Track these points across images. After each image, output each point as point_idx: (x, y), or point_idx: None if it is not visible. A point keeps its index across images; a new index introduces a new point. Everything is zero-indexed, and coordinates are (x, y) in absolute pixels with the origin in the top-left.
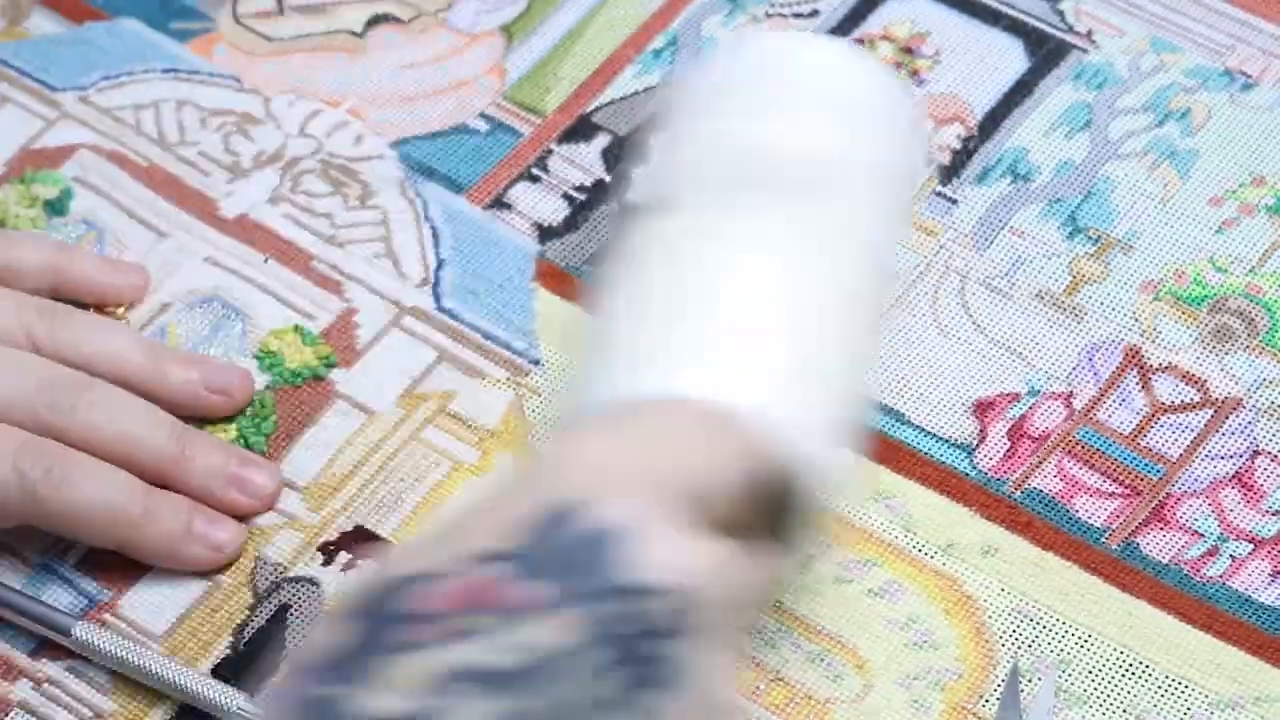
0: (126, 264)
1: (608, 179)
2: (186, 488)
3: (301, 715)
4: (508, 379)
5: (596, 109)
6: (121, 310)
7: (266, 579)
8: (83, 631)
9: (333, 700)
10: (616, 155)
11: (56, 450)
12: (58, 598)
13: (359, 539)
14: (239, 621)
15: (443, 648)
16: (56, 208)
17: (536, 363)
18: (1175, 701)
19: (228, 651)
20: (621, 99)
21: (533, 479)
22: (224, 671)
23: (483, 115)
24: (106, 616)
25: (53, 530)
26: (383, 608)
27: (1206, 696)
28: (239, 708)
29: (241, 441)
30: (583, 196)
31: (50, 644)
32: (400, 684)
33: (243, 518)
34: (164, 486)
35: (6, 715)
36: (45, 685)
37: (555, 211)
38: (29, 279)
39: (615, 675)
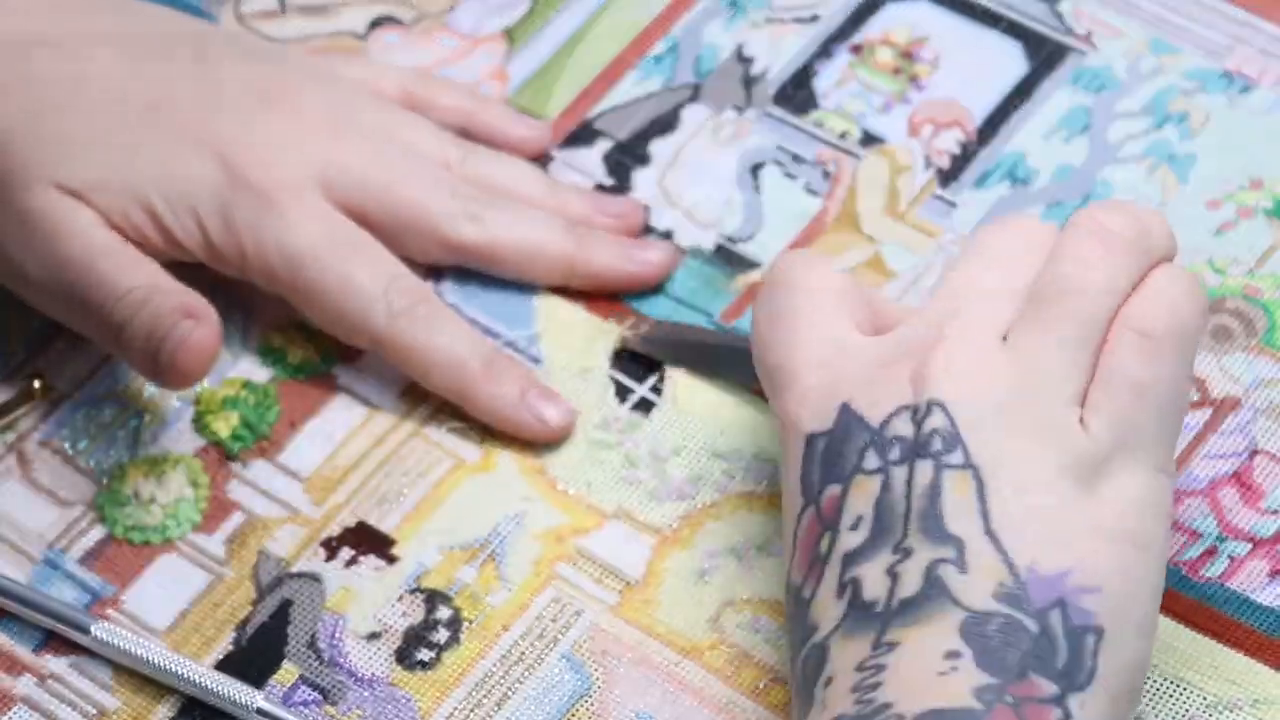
0: (532, 120)
1: (608, 183)
2: (588, 272)
3: None
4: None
5: (598, 115)
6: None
7: (269, 574)
8: (102, 631)
9: None
10: (617, 160)
11: (424, 290)
12: (61, 593)
13: (361, 535)
14: (242, 617)
15: None
16: None
17: (536, 361)
18: (1173, 703)
19: (231, 647)
20: (622, 105)
21: None
22: (227, 667)
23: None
24: (110, 612)
25: (396, 364)
26: None
27: (1204, 698)
28: (259, 707)
29: (245, 427)
30: None
31: (54, 639)
32: None
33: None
34: (567, 279)
35: (9, 710)
36: (49, 681)
37: None
38: (439, 113)
39: None
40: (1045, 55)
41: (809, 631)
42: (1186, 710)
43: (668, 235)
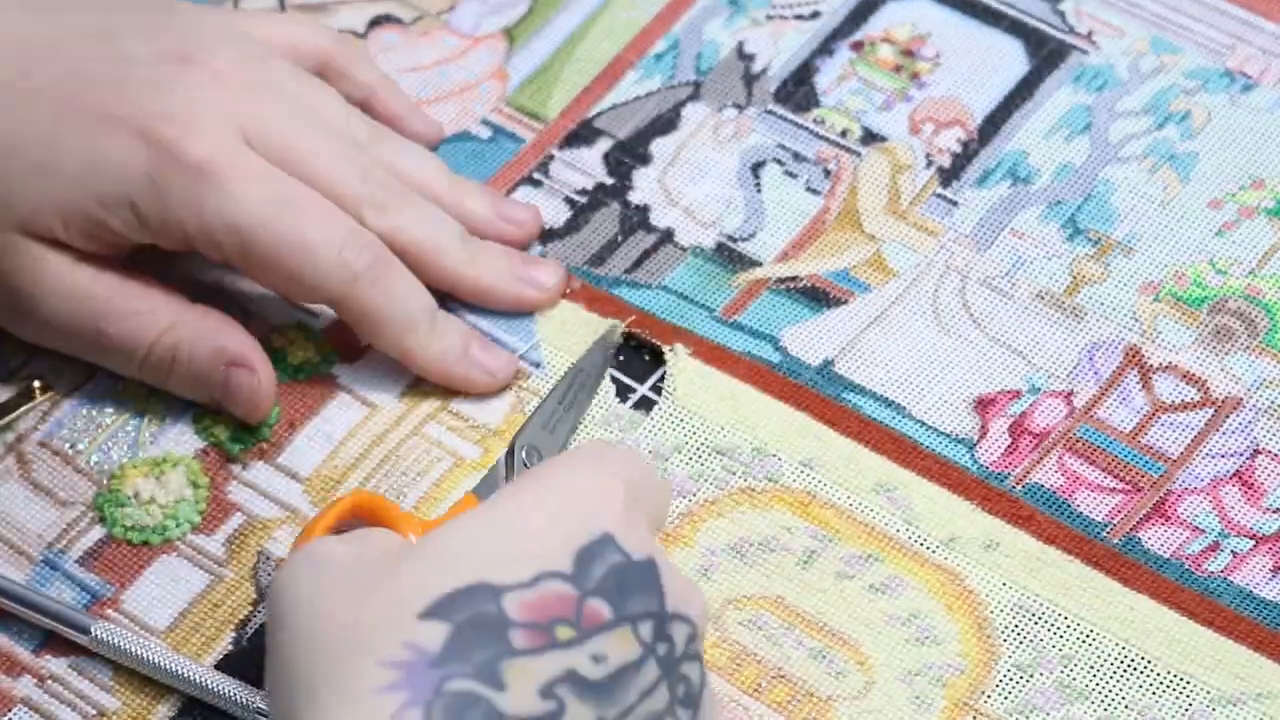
0: (429, 116)
1: (609, 182)
2: (477, 286)
3: (448, 708)
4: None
5: (597, 114)
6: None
7: (269, 574)
8: (101, 631)
9: (478, 697)
10: (617, 159)
11: (378, 248)
12: (61, 593)
13: None
14: (241, 617)
15: (546, 654)
16: None
17: (538, 365)
18: (1177, 698)
19: (230, 647)
20: (623, 104)
21: (540, 504)
22: (227, 667)
23: (485, 121)
24: (109, 612)
25: (345, 318)
26: (484, 610)
27: (1208, 692)
28: (257, 707)
29: (244, 428)
30: (584, 199)
31: (54, 640)
32: (523, 686)
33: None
34: (455, 290)
35: (9, 711)
36: (48, 682)
37: (556, 214)
38: (349, 85)
39: (660, 691)
40: (1046, 54)
41: None
42: (1190, 705)
43: (668, 233)
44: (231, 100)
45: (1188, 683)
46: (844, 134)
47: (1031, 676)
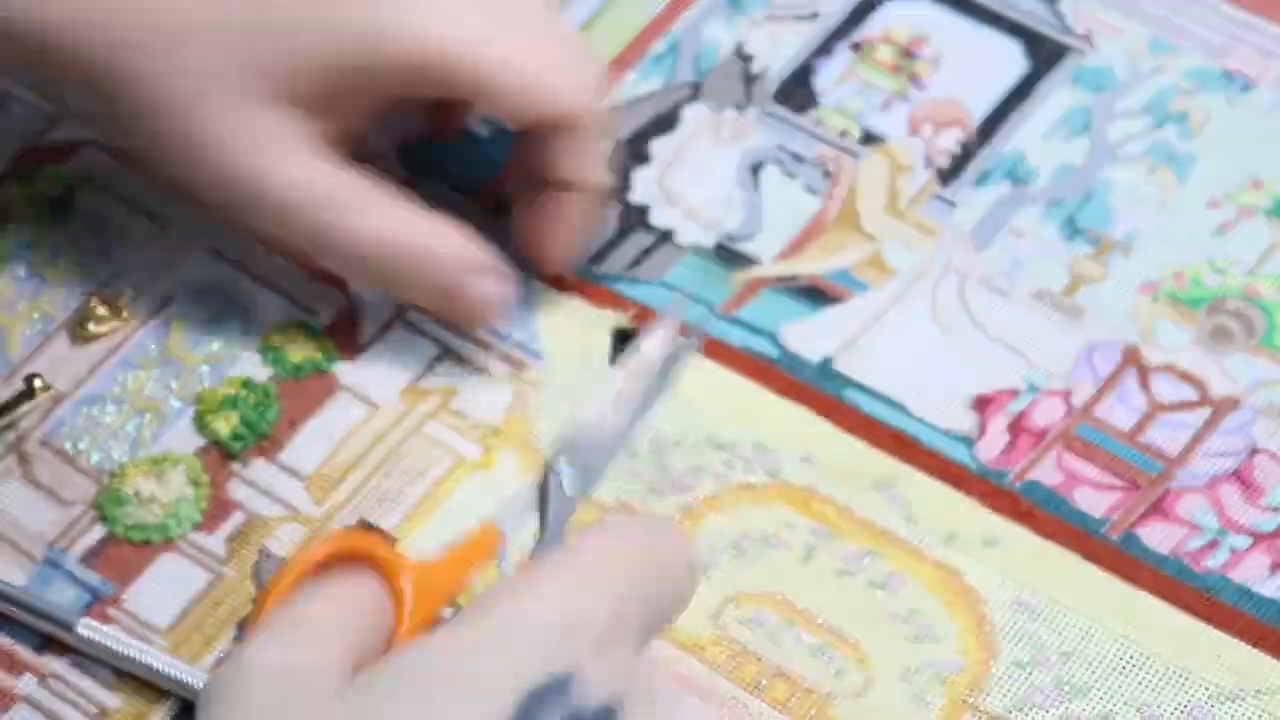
0: None
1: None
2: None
3: None
4: (509, 373)
5: None
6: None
7: (270, 573)
8: (86, 629)
9: None
10: (617, 159)
11: None
12: (62, 592)
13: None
14: (243, 616)
15: None
16: (60, 204)
17: (538, 356)
18: (1176, 693)
19: (231, 646)
20: (622, 104)
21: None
22: None
23: (485, 121)
24: (110, 610)
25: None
26: None
27: (1207, 688)
28: None
29: (245, 426)
30: None
31: (55, 639)
32: None
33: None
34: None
35: (10, 710)
36: (50, 680)
37: None
38: None
39: None
40: (1045, 54)
41: None
42: (1189, 700)
43: (667, 234)
44: None
45: (1187, 679)
46: (843, 135)
47: (1031, 673)
